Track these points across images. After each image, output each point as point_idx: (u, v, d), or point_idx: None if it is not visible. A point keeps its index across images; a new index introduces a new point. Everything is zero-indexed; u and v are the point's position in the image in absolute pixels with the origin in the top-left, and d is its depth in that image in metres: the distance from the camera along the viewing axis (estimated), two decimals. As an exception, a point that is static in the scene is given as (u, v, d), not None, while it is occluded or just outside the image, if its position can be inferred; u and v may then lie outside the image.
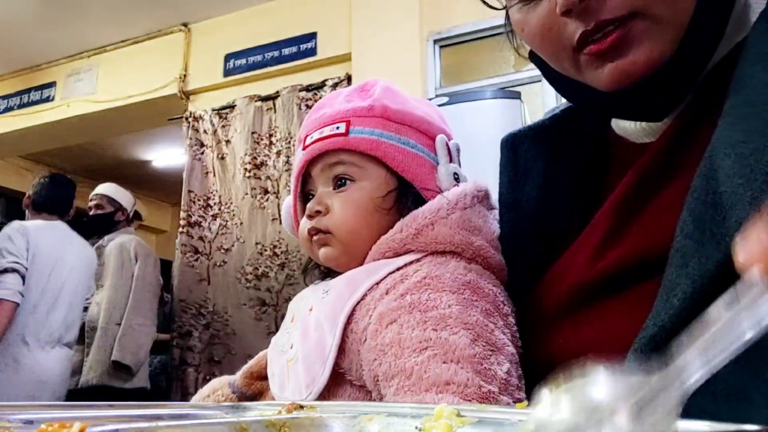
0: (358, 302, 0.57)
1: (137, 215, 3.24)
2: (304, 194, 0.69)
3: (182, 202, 3.26)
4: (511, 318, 0.56)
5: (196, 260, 3.18)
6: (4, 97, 4.30)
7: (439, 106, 2.44)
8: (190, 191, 3.27)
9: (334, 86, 3.02)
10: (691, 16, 0.46)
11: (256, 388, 0.70)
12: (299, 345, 0.60)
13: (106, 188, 3.10)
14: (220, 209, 3.23)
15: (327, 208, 0.64)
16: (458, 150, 0.69)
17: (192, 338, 3.09)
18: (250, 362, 0.72)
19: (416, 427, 0.30)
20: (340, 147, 0.64)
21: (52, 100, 4.09)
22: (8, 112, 4.26)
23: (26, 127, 4.18)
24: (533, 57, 0.57)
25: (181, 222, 3.23)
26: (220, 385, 0.72)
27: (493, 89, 2.51)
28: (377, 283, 0.58)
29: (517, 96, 2.32)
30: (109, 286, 2.86)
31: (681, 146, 0.48)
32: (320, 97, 3.04)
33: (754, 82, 0.41)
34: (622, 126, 0.57)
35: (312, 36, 3.25)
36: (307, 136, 0.67)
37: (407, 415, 0.32)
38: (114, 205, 3.06)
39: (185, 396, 3.01)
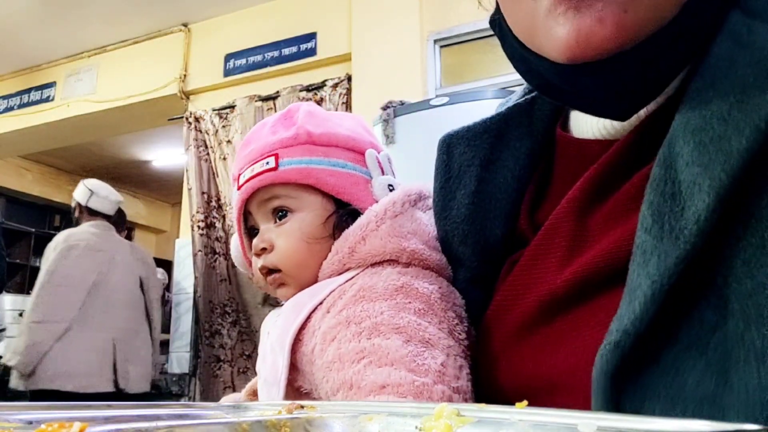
0: (304, 324, 0.59)
1: (121, 216, 3.02)
2: (249, 230, 0.70)
3: (194, 204, 3.26)
4: (450, 312, 0.56)
5: (216, 261, 3.20)
6: (4, 97, 4.30)
7: (439, 106, 2.44)
8: (203, 193, 3.27)
9: (335, 86, 3.02)
10: None
11: None
12: (261, 368, 0.63)
13: None
14: (227, 210, 3.24)
15: (271, 245, 0.65)
16: (389, 160, 0.70)
17: (222, 336, 3.11)
18: (253, 380, 0.74)
19: (416, 427, 0.30)
20: (271, 182, 0.64)
21: (52, 100, 4.10)
22: (8, 112, 4.26)
23: (26, 127, 4.19)
24: (494, 24, 0.51)
25: (199, 224, 3.23)
26: (228, 401, 0.75)
27: (493, 89, 2.51)
28: (320, 303, 0.59)
29: (517, 96, 2.32)
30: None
31: (645, 143, 0.43)
32: (320, 98, 3.06)
33: (719, 63, 0.37)
34: (576, 129, 0.52)
35: (312, 36, 3.25)
36: (240, 174, 0.67)
37: (407, 414, 0.32)
38: (74, 203, 2.92)
39: (225, 389, 3.05)
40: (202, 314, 3.13)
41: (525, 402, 0.31)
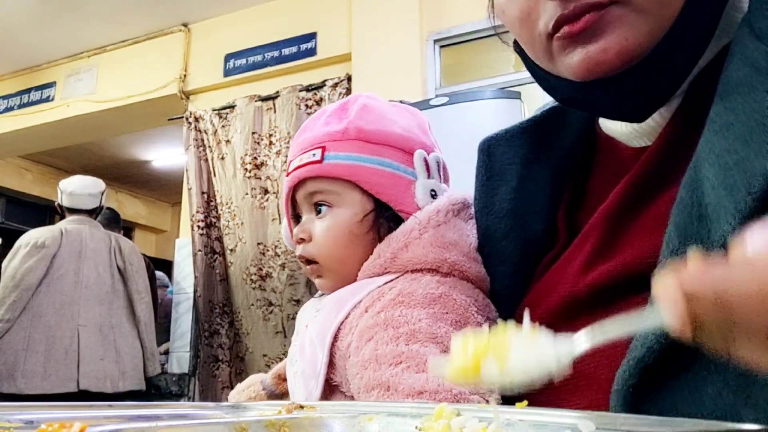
0: (343, 321, 0.60)
1: (114, 213, 3.03)
2: (296, 216, 0.71)
3: (194, 204, 3.26)
4: (485, 326, 0.57)
5: (215, 260, 3.20)
6: (4, 97, 4.30)
7: (439, 106, 2.43)
8: (203, 192, 3.28)
9: (334, 86, 3.02)
10: (679, 11, 0.45)
11: (284, 388, 0.74)
12: (299, 360, 0.64)
13: None
14: (221, 210, 3.24)
15: (309, 236, 0.66)
16: (438, 162, 0.69)
17: (220, 336, 3.12)
18: (280, 364, 0.75)
19: (416, 427, 0.30)
20: (316, 174, 0.65)
21: (52, 100, 4.09)
22: (8, 112, 4.25)
23: (26, 127, 4.18)
24: (517, 46, 0.56)
25: (199, 224, 3.22)
26: (254, 381, 0.77)
27: (493, 89, 2.51)
28: (359, 302, 0.61)
29: (517, 96, 2.32)
30: None
31: (673, 155, 0.47)
32: (320, 98, 3.06)
33: (738, 88, 0.39)
34: (610, 126, 0.55)
35: (312, 36, 3.25)
36: (291, 161, 0.68)
37: (407, 414, 0.32)
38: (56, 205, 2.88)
39: (223, 389, 3.05)
40: (201, 314, 3.13)
41: (525, 402, 0.31)
